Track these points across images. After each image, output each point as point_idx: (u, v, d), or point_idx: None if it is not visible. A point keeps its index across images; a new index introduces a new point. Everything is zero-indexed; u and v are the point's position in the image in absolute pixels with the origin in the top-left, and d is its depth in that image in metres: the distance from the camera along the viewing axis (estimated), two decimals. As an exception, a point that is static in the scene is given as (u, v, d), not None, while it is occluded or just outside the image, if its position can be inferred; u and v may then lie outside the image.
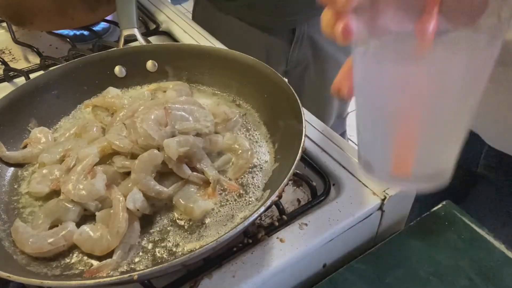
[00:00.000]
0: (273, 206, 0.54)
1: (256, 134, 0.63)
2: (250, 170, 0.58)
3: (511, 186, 0.70)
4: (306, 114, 0.56)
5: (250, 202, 0.54)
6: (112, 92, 0.70)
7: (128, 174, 0.54)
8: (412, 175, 0.31)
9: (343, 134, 1.43)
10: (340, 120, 1.36)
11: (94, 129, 0.62)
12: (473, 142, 0.66)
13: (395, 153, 0.31)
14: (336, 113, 1.28)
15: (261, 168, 0.58)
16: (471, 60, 0.27)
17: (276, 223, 0.54)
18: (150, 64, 0.73)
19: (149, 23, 1.02)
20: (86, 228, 0.50)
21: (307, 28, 1.08)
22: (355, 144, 1.12)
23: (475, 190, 0.78)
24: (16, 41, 0.93)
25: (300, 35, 1.09)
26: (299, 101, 0.57)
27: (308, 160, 0.62)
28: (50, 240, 0.48)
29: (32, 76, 0.78)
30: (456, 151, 0.31)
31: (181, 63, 0.73)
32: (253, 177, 0.57)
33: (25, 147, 0.62)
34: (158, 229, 0.52)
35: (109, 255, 0.48)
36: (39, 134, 0.63)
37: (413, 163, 0.31)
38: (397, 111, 0.30)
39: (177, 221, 0.52)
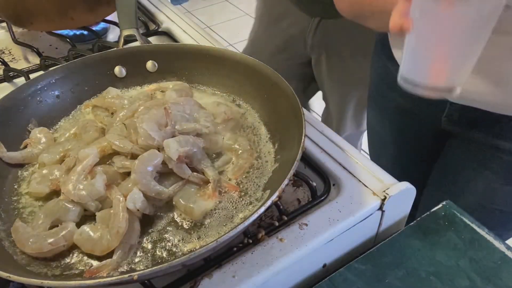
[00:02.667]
0: (273, 206, 0.54)
1: (256, 134, 0.63)
2: (250, 170, 0.58)
3: (472, 135, 0.74)
4: (306, 114, 0.56)
5: (250, 202, 0.54)
6: (112, 92, 0.70)
7: (128, 174, 0.54)
8: (443, 85, 0.45)
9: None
10: (358, 133, 1.34)
11: (94, 129, 0.62)
12: (434, 101, 0.74)
13: (433, 69, 0.45)
14: (354, 110, 1.26)
15: (261, 168, 0.58)
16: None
17: (276, 223, 0.54)
18: (150, 64, 0.73)
19: (149, 23, 1.02)
20: (86, 228, 0.50)
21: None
22: (366, 153, 1.10)
23: (446, 148, 0.83)
24: (16, 41, 0.93)
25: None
26: (299, 101, 0.57)
27: (308, 160, 0.62)
28: (50, 240, 0.48)
29: (32, 76, 0.78)
30: (468, 73, 0.44)
31: (181, 63, 0.73)
32: (253, 177, 0.57)
33: (25, 147, 0.62)
34: (158, 229, 0.52)
35: (109, 255, 0.48)
36: (39, 134, 0.63)
37: (445, 77, 0.45)
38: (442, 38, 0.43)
39: (177, 221, 0.52)
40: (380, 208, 0.56)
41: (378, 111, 0.94)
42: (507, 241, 0.54)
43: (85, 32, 0.98)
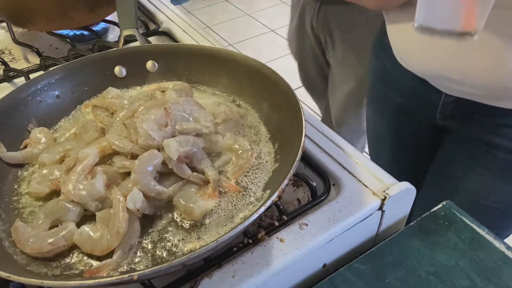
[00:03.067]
0: (273, 206, 0.54)
1: (256, 134, 0.63)
2: (250, 170, 0.58)
3: (467, 131, 0.75)
4: (306, 114, 0.56)
5: (250, 202, 0.54)
6: (112, 92, 0.70)
7: (128, 174, 0.54)
8: (465, 29, 0.45)
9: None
10: (359, 133, 1.35)
11: (94, 129, 0.62)
12: (430, 97, 0.74)
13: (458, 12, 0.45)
14: (355, 101, 1.26)
15: (261, 168, 0.58)
16: None
17: (276, 223, 0.54)
18: (150, 64, 0.73)
19: (149, 23, 1.02)
20: (86, 228, 0.50)
21: None
22: (367, 154, 1.11)
23: (442, 146, 0.84)
24: (16, 41, 0.93)
25: None
26: (299, 101, 0.57)
27: (308, 160, 0.62)
28: (50, 240, 0.48)
29: (32, 76, 0.78)
30: (487, 14, 0.45)
31: (181, 63, 0.73)
32: (253, 177, 0.57)
33: (25, 147, 0.62)
34: (158, 229, 0.52)
35: (109, 255, 0.48)
36: (39, 134, 0.63)
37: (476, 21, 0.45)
38: None
39: (177, 221, 0.52)
40: (380, 208, 0.56)
41: (377, 111, 0.95)
42: (507, 240, 0.54)
43: (85, 32, 0.98)
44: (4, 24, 1.03)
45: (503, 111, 0.67)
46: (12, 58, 0.93)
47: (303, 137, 0.52)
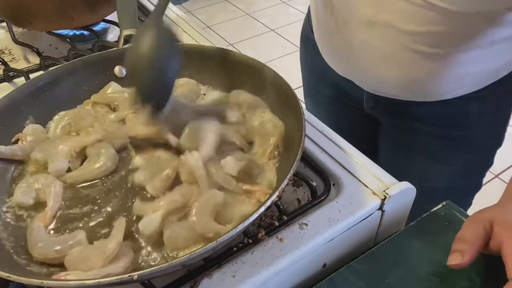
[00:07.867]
0: (273, 206, 0.54)
1: (256, 134, 0.63)
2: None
3: (392, 121, 0.82)
4: (306, 114, 0.56)
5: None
6: (113, 87, 0.70)
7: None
8: None
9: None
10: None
11: (89, 116, 0.63)
12: (357, 89, 0.80)
13: None
14: None
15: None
16: None
17: (276, 223, 0.54)
18: (150, 64, 0.73)
19: (149, 23, 1.01)
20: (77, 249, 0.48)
21: None
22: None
23: (380, 136, 0.90)
24: (16, 41, 0.93)
25: None
26: (299, 101, 0.57)
27: (308, 160, 0.62)
28: (57, 247, 0.48)
29: (32, 76, 0.78)
30: None
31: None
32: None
33: (16, 141, 0.62)
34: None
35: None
36: (31, 132, 0.63)
37: None
38: None
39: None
40: (380, 208, 0.56)
41: (313, 102, 0.99)
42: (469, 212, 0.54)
43: (85, 32, 0.98)
44: (4, 24, 1.03)
45: (417, 103, 0.73)
46: (12, 58, 0.93)
47: (303, 137, 0.52)
